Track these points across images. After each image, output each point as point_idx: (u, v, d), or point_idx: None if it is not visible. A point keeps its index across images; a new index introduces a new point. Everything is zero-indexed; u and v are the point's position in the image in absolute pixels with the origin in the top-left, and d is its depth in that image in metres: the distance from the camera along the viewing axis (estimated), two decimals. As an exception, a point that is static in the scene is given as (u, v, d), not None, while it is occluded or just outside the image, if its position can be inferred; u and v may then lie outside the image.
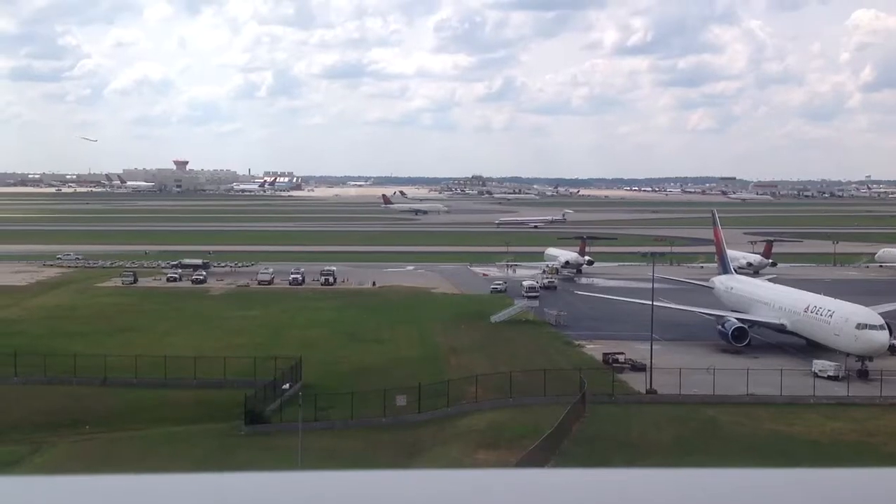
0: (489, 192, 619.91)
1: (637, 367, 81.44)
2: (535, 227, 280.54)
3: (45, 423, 69.24)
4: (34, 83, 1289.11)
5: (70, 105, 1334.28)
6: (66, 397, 75.39)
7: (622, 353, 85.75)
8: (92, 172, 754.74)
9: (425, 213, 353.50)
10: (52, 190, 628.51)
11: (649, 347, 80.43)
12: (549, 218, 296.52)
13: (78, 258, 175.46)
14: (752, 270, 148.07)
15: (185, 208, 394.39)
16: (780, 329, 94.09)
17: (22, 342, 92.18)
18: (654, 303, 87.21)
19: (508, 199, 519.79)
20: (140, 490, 3.99)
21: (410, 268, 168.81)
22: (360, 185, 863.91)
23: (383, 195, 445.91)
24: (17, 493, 3.92)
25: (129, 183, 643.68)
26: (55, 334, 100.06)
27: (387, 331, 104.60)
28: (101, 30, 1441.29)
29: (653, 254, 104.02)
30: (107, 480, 4.11)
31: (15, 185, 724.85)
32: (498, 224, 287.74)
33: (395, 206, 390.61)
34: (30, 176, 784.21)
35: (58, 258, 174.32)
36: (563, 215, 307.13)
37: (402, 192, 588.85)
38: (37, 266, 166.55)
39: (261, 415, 68.18)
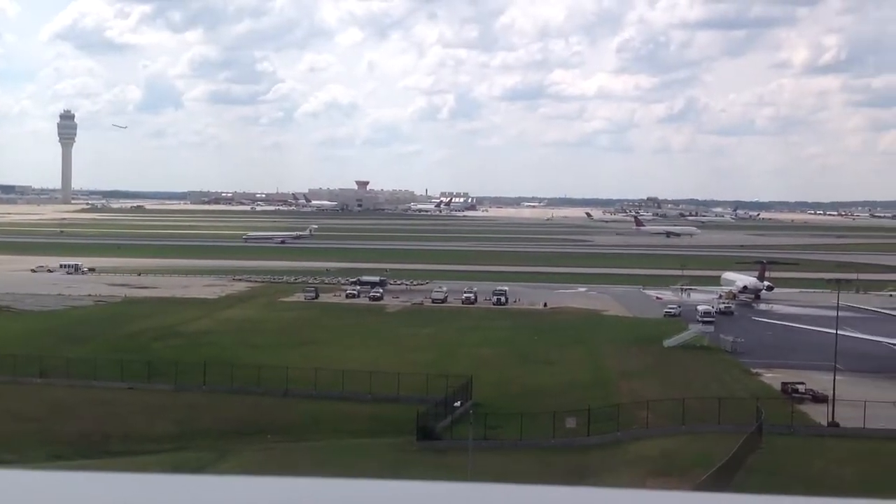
0: (682, 215, 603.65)
1: (818, 398, 78.12)
2: (283, 241, 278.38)
3: (230, 431, 73.14)
4: (231, 106, 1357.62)
5: (263, 127, 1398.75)
6: (249, 407, 79.33)
7: (802, 383, 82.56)
8: (279, 191, 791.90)
9: (678, 235, 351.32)
10: (246, 208, 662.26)
11: (832, 378, 77.00)
12: (295, 234, 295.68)
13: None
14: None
15: (364, 227, 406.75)
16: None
17: (211, 353, 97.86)
18: (839, 332, 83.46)
19: (703, 223, 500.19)
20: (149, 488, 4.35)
21: (582, 290, 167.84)
22: (533, 206, 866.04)
23: (635, 217, 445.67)
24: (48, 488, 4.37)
25: (313, 202, 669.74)
26: (241, 346, 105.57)
27: (557, 352, 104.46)
28: (296, 56, 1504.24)
29: (838, 281, 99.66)
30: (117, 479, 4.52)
31: (209, 202, 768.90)
32: (245, 239, 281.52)
33: (647, 228, 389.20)
34: (223, 194, 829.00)
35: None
36: (309, 231, 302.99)
37: (588, 214, 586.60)
38: (226, 280, 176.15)
39: (432, 431, 69.66)
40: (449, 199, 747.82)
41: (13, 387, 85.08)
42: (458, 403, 73.53)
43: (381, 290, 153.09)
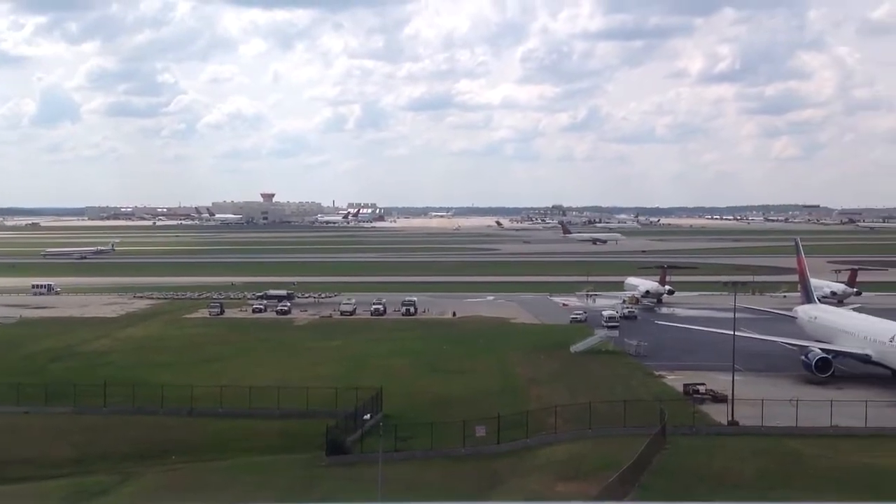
0: (590, 221, 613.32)
1: (718, 399, 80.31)
2: (83, 257, 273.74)
3: (133, 453, 71.18)
4: (131, 118, 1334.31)
5: (165, 139, 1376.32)
6: (153, 427, 77.39)
7: (703, 384, 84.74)
8: (182, 205, 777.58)
9: (604, 242, 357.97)
10: (147, 223, 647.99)
11: (731, 378, 79.31)
12: (95, 249, 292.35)
13: None
14: (836, 300, 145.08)
15: (270, 240, 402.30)
16: (865, 359, 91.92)
17: (111, 373, 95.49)
18: (736, 333, 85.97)
19: (611, 230, 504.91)
20: None
21: (490, 298, 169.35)
22: (441, 216, 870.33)
23: (562, 224, 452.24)
24: None
25: (217, 215, 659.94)
26: (144, 365, 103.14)
27: (467, 361, 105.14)
28: (198, 67, 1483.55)
29: (734, 283, 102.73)
30: None
31: (108, 218, 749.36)
32: (44, 255, 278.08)
33: (574, 235, 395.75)
34: (122, 209, 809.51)
35: None
36: (112, 246, 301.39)
37: (499, 223, 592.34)
38: (127, 298, 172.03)
39: (342, 445, 69.10)
40: (356, 210, 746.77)
41: None
42: (367, 416, 73.20)
43: (288, 304, 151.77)
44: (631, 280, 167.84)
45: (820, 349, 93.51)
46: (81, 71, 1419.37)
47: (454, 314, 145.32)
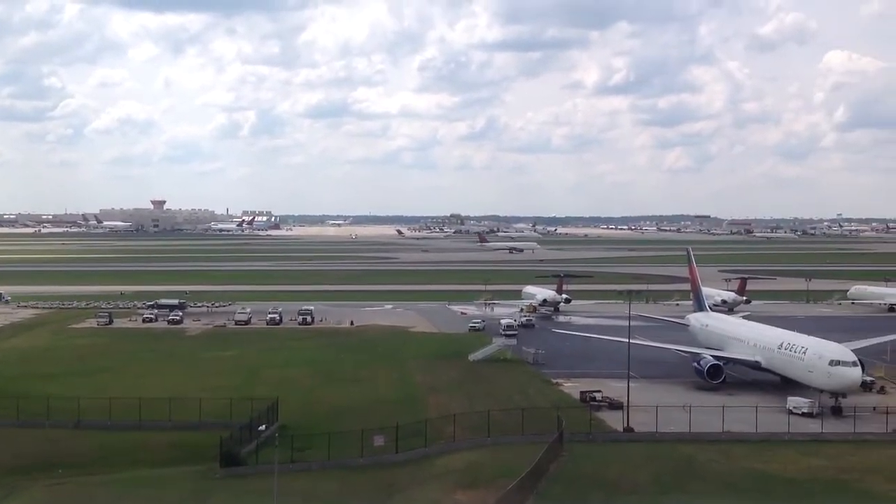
0: (490, 231, 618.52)
1: (614, 405, 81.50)
2: None
3: (17, 467, 68.49)
4: (15, 123, 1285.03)
5: (50, 145, 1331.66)
6: (38, 440, 74.61)
7: (599, 391, 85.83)
8: (68, 212, 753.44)
9: (521, 250, 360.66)
10: (31, 230, 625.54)
11: (626, 385, 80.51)
12: None
13: None
14: (727, 308, 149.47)
15: (161, 248, 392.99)
16: (755, 366, 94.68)
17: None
18: (631, 340, 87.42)
19: (513, 238, 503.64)
20: None
21: (389, 306, 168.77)
22: (339, 224, 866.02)
23: (479, 234, 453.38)
24: None
25: (105, 223, 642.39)
26: (29, 376, 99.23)
27: (365, 370, 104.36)
28: (86, 70, 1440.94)
29: (629, 292, 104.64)
30: None
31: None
32: None
33: (491, 244, 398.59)
34: (4, 216, 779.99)
35: None
36: None
37: (399, 231, 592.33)
38: (11, 307, 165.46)
39: (237, 457, 67.58)
40: (251, 217, 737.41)
41: None
42: (263, 427, 71.69)
43: (180, 313, 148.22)
44: (529, 289, 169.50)
45: (711, 356, 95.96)
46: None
47: (352, 323, 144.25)
